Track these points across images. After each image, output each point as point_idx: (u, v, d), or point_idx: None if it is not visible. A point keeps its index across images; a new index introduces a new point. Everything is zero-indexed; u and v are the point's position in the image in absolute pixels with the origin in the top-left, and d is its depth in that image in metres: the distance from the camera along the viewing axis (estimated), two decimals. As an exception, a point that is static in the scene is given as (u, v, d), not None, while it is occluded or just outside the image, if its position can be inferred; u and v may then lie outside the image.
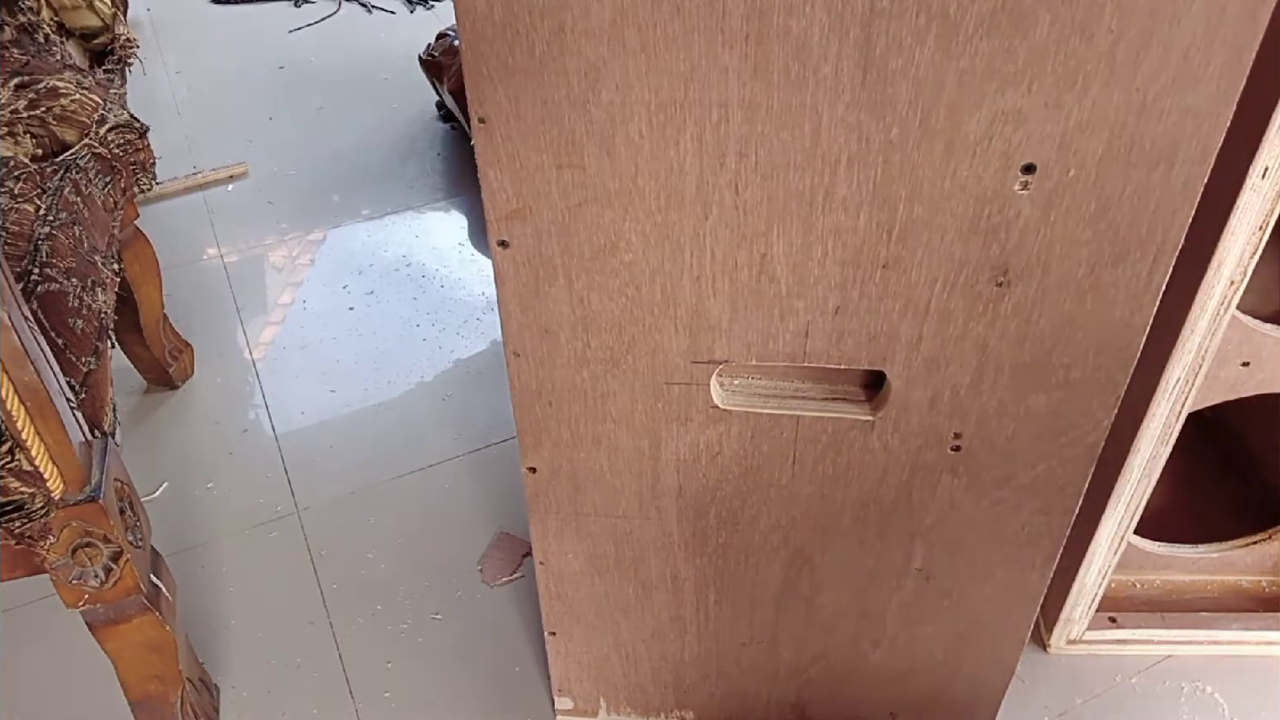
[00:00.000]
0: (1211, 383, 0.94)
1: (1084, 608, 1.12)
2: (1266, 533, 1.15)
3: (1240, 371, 0.93)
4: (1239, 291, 0.85)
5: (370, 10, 2.58)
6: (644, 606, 0.97)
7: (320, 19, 2.54)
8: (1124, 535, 1.05)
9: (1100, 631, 1.14)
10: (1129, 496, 1.01)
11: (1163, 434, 0.96)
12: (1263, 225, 0.81)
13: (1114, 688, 1.14)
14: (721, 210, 0.67)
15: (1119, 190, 0.64)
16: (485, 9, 0.60)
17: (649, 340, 0.75)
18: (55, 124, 1.11)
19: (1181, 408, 0.94)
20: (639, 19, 0.59)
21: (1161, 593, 1.19)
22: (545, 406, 0.81)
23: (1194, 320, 0.87)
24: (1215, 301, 0.85)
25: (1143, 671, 1.15)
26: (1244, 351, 0.92)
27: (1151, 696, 1.13)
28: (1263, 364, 0.93)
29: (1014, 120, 0.61)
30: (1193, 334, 0.88)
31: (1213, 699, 1.13)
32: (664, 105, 0.63)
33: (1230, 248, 0.82)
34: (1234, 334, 0.90)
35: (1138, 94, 0.60)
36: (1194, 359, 0.90)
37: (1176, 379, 0.91)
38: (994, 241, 0.67)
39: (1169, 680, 1.14)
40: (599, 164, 0.66)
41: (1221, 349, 0.90)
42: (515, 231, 0.70)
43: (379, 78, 2.29)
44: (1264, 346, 0.92)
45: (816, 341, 0.74)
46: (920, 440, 0.80)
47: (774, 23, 0.59)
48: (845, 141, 0.63)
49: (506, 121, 0.65)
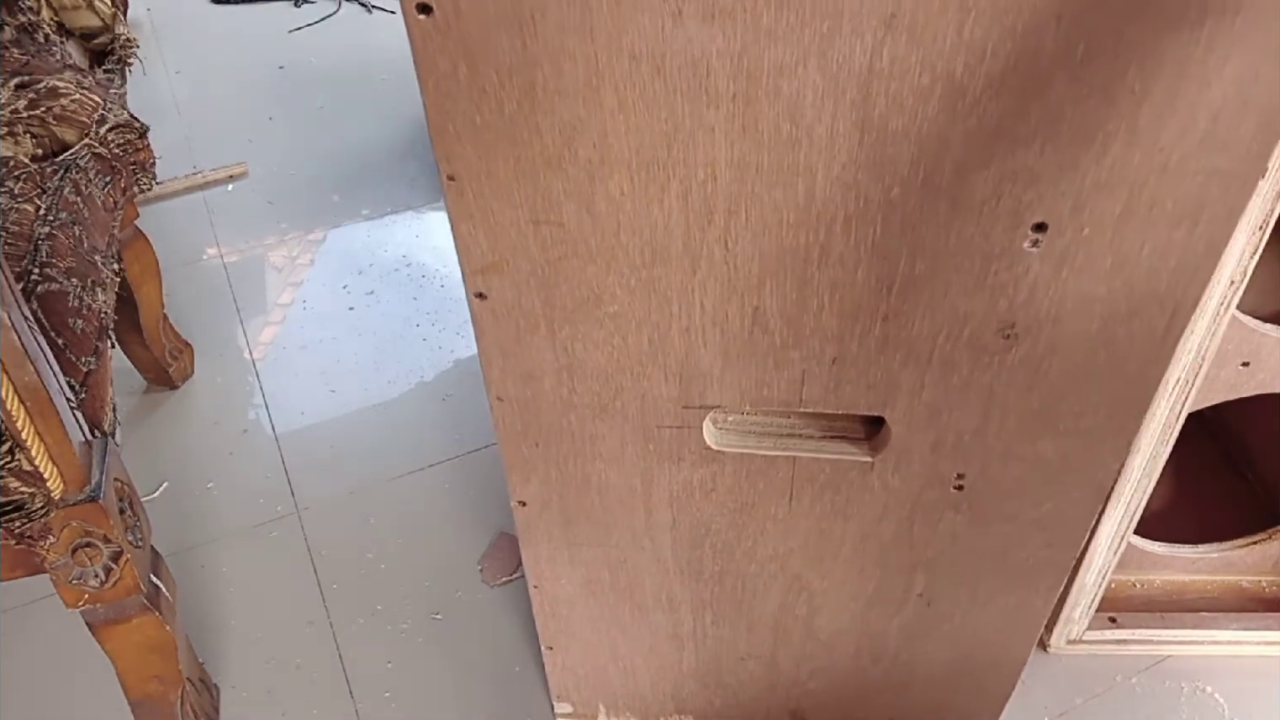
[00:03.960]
0: (1211, 383, 0.94)
1: (1084, 608, 1.12)
2: (1266, 533, 1.15)
3: (1240, 371, 0.93)
4: (1239, 291, 0.85)
5: (370, 10, 2.58)
6: (640, 624, 0.95)
7: (320, 19, 2.54)
8: (1124, 535, 1.05)
9: (1100, 631, 1.14)
10: (1129, 496, 1.01)
11: (1163, 434, 0.96)
12: (1263, 225, 0.81)
13: (1114, 688, 1.14)
14: (711, 265, 0.64)
15: (1137, 249, 0.61)
16: (448, 68, 0.57)
17: (637, 387, 0.72)
18: (55, 124, 1.11)
19: (1181, 408, 0.94)
20: (616, 79, 0.56)
21: (1161, 593, 1.19)
22: (532, 447, 0.78)
23: (1194, 320, 0.86)
24: (1215, 301, 0.85)
25: (1143, 671, 1.15)
26: (1244, 351, 0.92)
27: (1151, 696, 1.13)
28: (1263, 364, 0.93)
29: (1024, 179, 0.58)
30: (1193, 334, 0.88)
31: (1213, 699, 1.13)
32: (646, 164, 0.59)
33: (1230, 248, 0.82)
34: (1234, 334, 0.90)
35: (1161, 154, 0.56)
36: (1194, 359, 0.90)
37: (1176, 379, 0.91)
38: (1001, 297, 0.64)
39: (1169, 680, 1.14)
40: (579, 220, 0.63)
41: (1221, 349, 0.90)
42: (493, 284, 0.67)
43: (379, 78, 2.29)
44: (1264, 346, 0.92)
45: (813, 389, 0.71)
46: (921, 481, 0.77)
47: (763, 84, 0.55)
48: (842, 200, 0.60)
49: (477, 179, 0.61)
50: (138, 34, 1.46)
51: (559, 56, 0.56)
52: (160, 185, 1.78)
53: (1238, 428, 1.33)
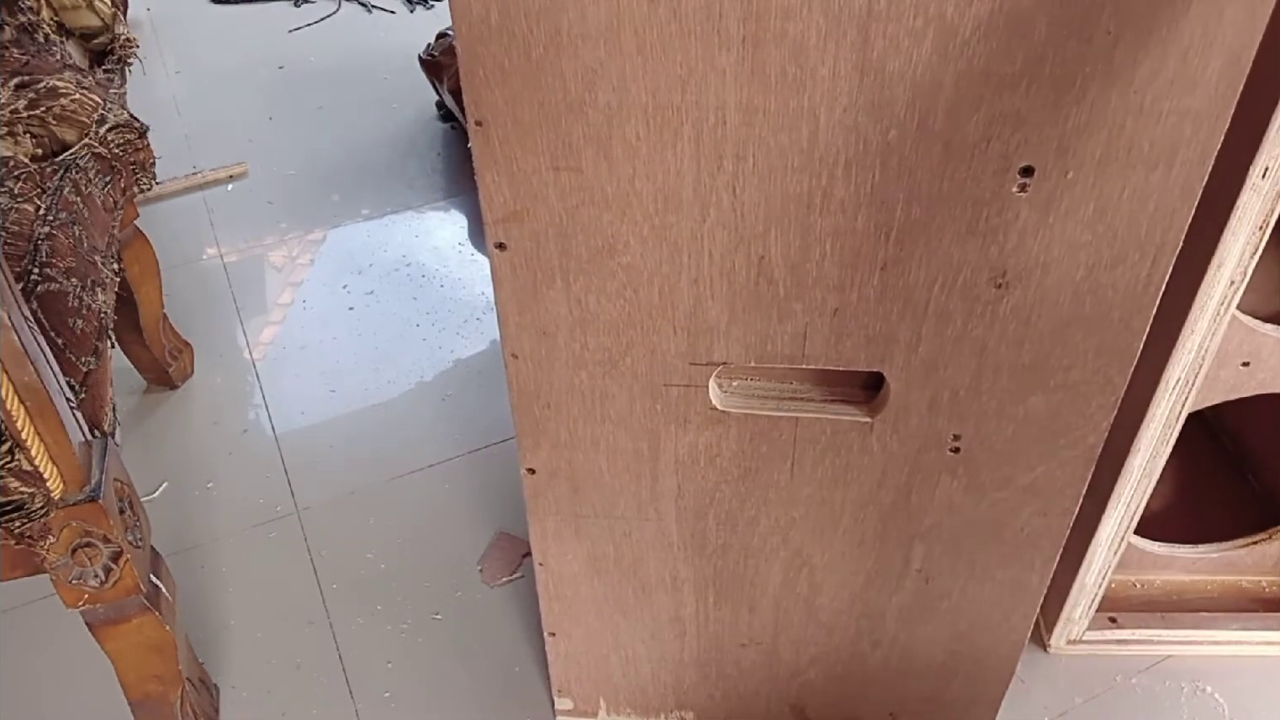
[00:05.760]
0: (1211, 383, 0.94)
1: (1084, 608, 1.12)
2: (1267, 533, 1.15)
3: (1240, 371, 0.93)
4: (1239, 291, 0.85)
5: (370, 10, 2.58)
6: (643, 607, 0.97)
7: (320, 19, 2.54)
8: (1124, 535, 1.05)
9: (1100, 631, 1.14)
10: (1129, 496, 1.01)
11: (1163, 434, 0.96)
12: (1263, 225, 0.81)
13: (1114, 688, 1.14)
14: (719, 212, 0.67)
15: (1117, 192, 0.64)
16: (481, 12, 0.60)
17: (647, 342, 0.75)
18: (55, 124, 1.11)
19: (1181, 408, 0.94)
20: (635, 22, 0.59)
21: (1161, 593, 1.19)
22: (543, 408, 0.81)
23: (1194, 320, 0.87)
24: (1215, 301, 0.85)
25: (1143, 671, 1.15)
26: (1244, 351, 0.92)
27: (1151, 696, 1.13)
28: (1263, 364, 0.93)
29: (1012, 122, 0.61)
30: (1193, 334, 0.88)
31: (1213, 699, 1.13)
32: (661, 108, 0.63)
33: (1230, 248, 0.82)
34: (1234, 334, 0.90)
35: (1136, 96, 0.60)
36: (1194, 359, 0.90)
37: (1176, 379, 0.91)
38: (992, 243, 0.67)
39: (1169, 680, 1.14)
40: (596, 166, 0.66)
41: (1221, 349, 0.90)
42: (513, 234, 0.70)
43: (379, 78, 2.29)
44: (1264, 346, 0.92)
45: (815, 343, 0.74)
46: (919, 442, 0.80)
47: (770, 26, 0.59)
48: (843, 144, 0.63)
49: (503, 124, 0.65)
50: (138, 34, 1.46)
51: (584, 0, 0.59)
52: (160, 185, 1.78)
53: (1238, 428, 1.33)
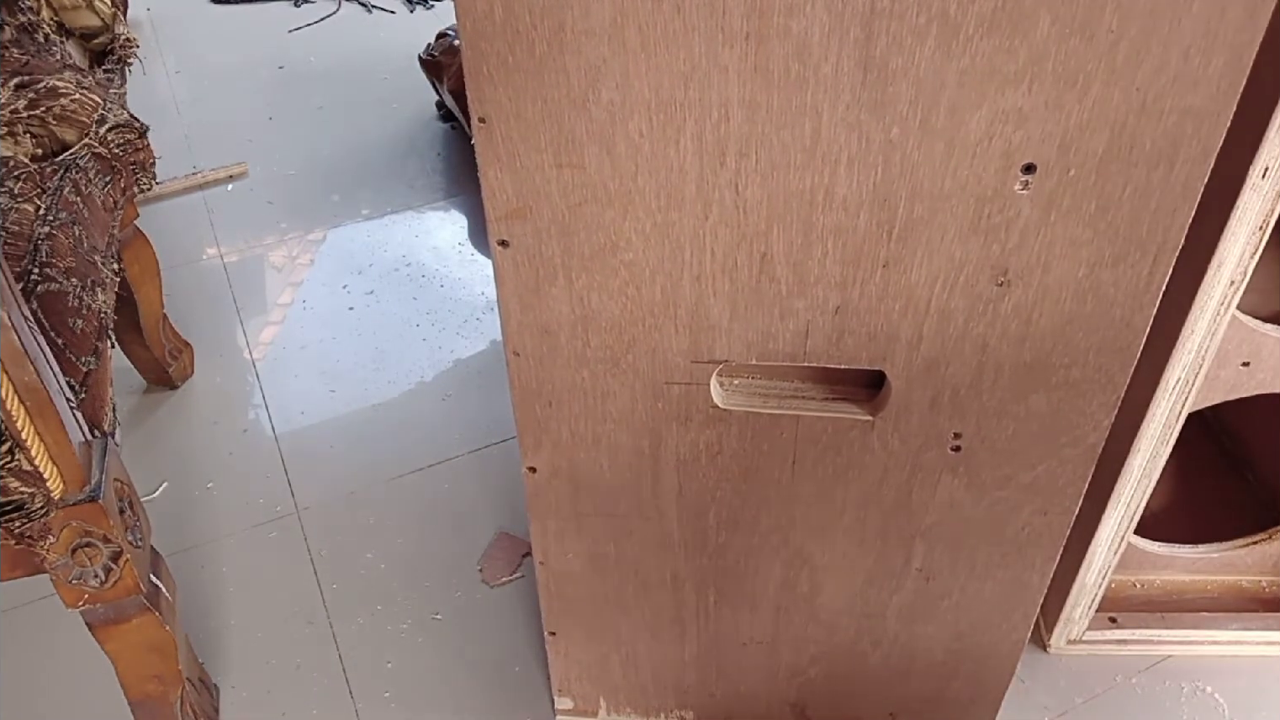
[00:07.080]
0: (1211, 383, 0.94)
1: (1084, 608, 1.12)
2: (1266, 533, 1.15)
3: (1240, 371, 0.93)
4: (1239, 291, 0.85)
5: (370, 10, 2.58)
6: (644, 606, 0.97)
7: (320, 19, 2.54)
8: (1124, 535, 1.05)
9: (1100, 631, 1.14)
10: (1129, 496, 1.01)
11: (1163, 434, 0.96)
12: (1263, 225, 0.81)
13: (1114, 688, 1.14)
14: (722, 210, 0.67)
15: (1119, 190, 0.64)
16: (485, 8, 0.60)
17: (649, 340, 0.75)
18: (55, 124, 1.11)
19: (1181, 408, 0.94)
20: (639, 18, 0.59)
21: (1161, 593, 1.19)
22: (545, 406, 0.81)
23: (1194, 320, 0.87)
24: (1215, 301, 0.85)
25: (1143, 671, 1.15)
26: (1244, 351, 0.92)
27: (1151, 696, 1.13)
28: (1263, 364, 0.93)
29: (1014, 120, 0.61)
30: (1193, 334, 0.88)
31: (1213, 699, 1.13)
32: (664, 104, 0.63)
33: (1230, 248, 0.82)
34: (1234, 334, 0.90)
35: (1138, 94, 0.60)
36: (1194, 359, 0.90)
37: (1176, 379, 0.91)
38: (994, 241, 0.67)
39: (1169, 680, 1.14)
40: (599, 163, 0.66)
41: (1221, 349, 0.90)
42: (515, 231, 0.70)
43: (379, 78, 2.29)
44: (1264, 346, 0.92)
45: (816, 341, 0.74)
46: (920, 440, 0.79)
47: (774, 22, 0.59)
48: (845, 141, 0.63)
49: (506, 121, 0.65)
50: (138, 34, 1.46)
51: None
52: (160, 185, 1.78)
53: (1238, 428, 1.33)
